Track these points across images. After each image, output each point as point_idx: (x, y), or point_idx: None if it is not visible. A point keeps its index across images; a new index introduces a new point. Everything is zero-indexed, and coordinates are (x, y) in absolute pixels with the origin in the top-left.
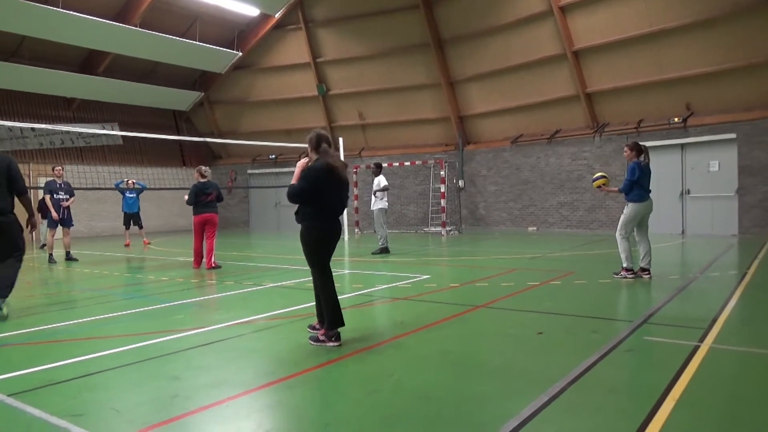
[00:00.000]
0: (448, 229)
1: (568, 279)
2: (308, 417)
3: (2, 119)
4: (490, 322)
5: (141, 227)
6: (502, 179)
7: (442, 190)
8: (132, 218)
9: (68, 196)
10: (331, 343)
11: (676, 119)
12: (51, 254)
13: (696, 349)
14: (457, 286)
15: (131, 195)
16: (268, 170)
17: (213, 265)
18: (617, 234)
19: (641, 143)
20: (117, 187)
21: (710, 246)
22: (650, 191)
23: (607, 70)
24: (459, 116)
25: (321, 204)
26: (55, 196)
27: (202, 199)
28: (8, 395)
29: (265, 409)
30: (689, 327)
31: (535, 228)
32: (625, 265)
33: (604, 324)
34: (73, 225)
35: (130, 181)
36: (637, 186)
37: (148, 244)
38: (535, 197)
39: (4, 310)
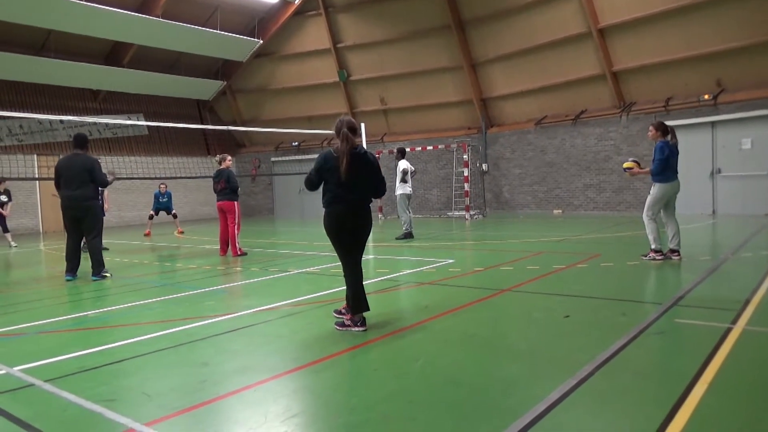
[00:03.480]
0: (472, 213)
1: (595, 261)
2: (335, 401)
3: (32, 112)
4: (515, 306)
5: (176, 216)
6: (527, 162)
7: (466, 173)
8: (168, 212)
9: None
10: (356, 328)
11: (706, 96)
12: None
13: (728, 331)
14: (481, 270)
15: (164, 199)
16: (291, 157)
17: (239, 252)
18: (644, 215)
19: (666, 123)
20: (156, 196)
21: (742, 226)
22: (678, 172)
23: (633, 48)
24: (481, 99)
25: (330, 192)
26: None
27: (215, 187)
28: (45, 381)
29: (292, 393)
30: (721, 309)
31: (560, 211)
32: (653, 246)
33: (633, 307)
34: (104, 215)
35: (162, 186)
36: (666, 166)
37: (182, 233)
38: (560, 179)
39: (110, 274)
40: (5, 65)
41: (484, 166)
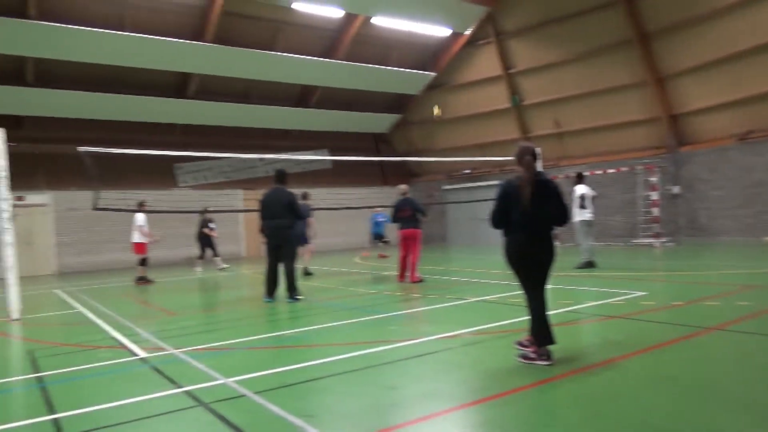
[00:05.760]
0: (662, 240)
1: None
2: None
3: (237, 152)
4: (726, 347)
5: (386, 242)
6: (728, 182)
7: (654, 197)
8: (378, 237)
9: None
10: (541, 362)
11: None
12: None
13: None
14: (681, 304)
15: (382, 219)
16: (462, 185)
17: (416, 278)
18: None
19: None
20: (374, 219)
21: None
22: None
23: None
24: (671, 115)
25: (511, 220)
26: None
27: (399, 215)
28: (254, 392)
29: (477, 426)
30: None
31: None
32: None
33: None
34: (309, 244)
35: (378, 209)
36: None
37: (383, 257)
38: None
39: (303, 297)
40: (216, 113)
41: (675, 189)
